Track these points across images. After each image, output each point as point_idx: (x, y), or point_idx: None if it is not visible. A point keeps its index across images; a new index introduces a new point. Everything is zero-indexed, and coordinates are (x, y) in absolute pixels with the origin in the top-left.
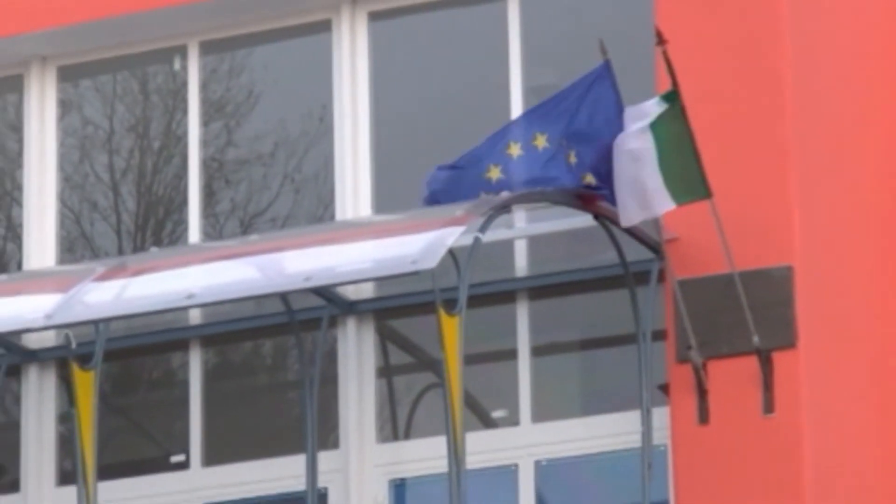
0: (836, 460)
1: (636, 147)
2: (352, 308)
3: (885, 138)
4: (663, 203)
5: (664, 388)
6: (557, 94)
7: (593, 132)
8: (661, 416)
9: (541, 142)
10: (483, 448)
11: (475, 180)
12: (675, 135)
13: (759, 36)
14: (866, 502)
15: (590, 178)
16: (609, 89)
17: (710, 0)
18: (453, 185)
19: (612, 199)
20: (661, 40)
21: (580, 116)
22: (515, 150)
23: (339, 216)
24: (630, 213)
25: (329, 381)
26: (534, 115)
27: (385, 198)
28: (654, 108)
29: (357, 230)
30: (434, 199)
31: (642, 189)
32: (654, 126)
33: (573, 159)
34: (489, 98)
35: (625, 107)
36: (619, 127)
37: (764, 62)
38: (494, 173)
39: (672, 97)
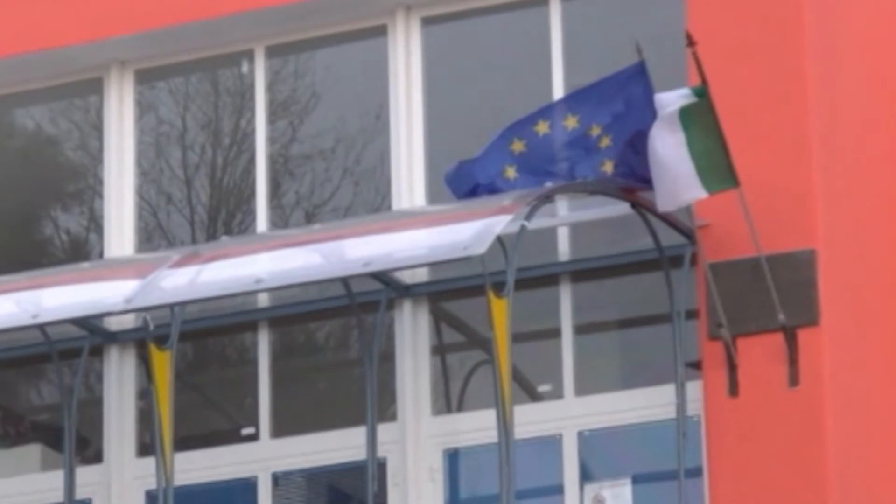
0: (857, 429)
1: (669, 141)
2: (407, 291)
3: None
4: (695, 192)
5: (697, 364)
6: (593, 84)
7: (626, 125)
8: (694, 389)
9: (571, 122)
10: (530, 419)
11: (499, 153)
12: (704, 128)
13: (781, 35)
14: (885, 468)
15: (609, 166)
16: (643, 87)
17: (736, 4)
18: (474, 164)
19: (643, 186)
20: (691, 42)
21: (616, 107)
22: (543, 127)
23: (395, 206)
24: (665, 201)
25: (387, 358)
26: (568, 99)
27: (438, 189)
28: (682, 96)
29: (412, 219)
30: (455, 189)
31: (675, 179)
32: (684, 117)
33: (604, 142)
34: (532, 96)
35: (654, 91)
36: (652, 118)
37: (787, 59)
38: (518, 146)
39: (701, 92)
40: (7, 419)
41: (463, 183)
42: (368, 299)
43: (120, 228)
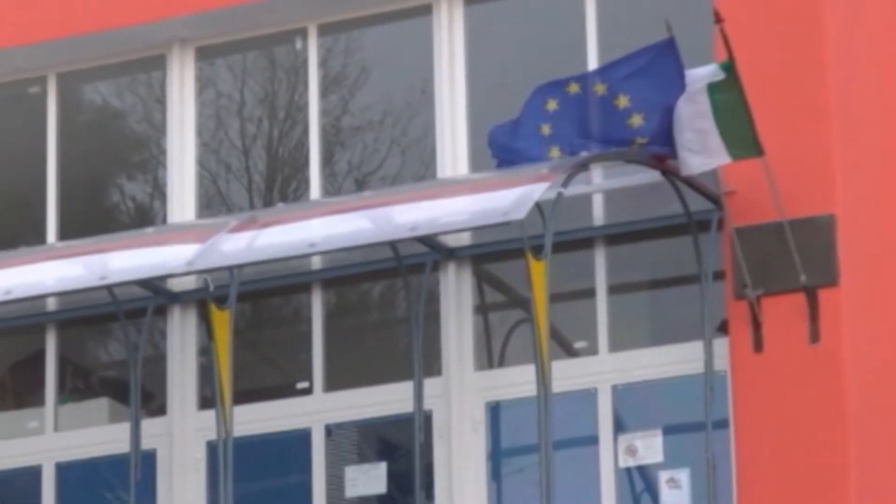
0: (875, 383)
1: (696, 109)
2: (452, 254)
3: None
4: (720, 158)
5: (723, 322)
6: (623, 58)
7: (657, 101)
8: (720, 346)
9: (600, 89)
10: (566, 374)
11: (535, 111)
12: (730, 99)
13: (802, 10)
14: None
15: (640, 140)
16: (673, 63)
17: None
18: (519, 132)
19: (671, 152)
20: (718, 19)
21: (646, 81)
22: (574, 88)
23: (439, 174)
24: (689, 165)
25: (432, 317)
26: (598, 69)
27: (480, 158)
28: (710, 72)
29: (456, 186)
30: (497, 150)
31: (702, 145)
32: (711, 90)
33: (636, 119)
34: (568, 70)
35: (685, 70)
36: (680, 92)
37: (807, 33)
38: (551, 105)
39: (728, 67)
40: (77, 374)
41: (504, 141)
42: (415, 262)
43: (182, 196)
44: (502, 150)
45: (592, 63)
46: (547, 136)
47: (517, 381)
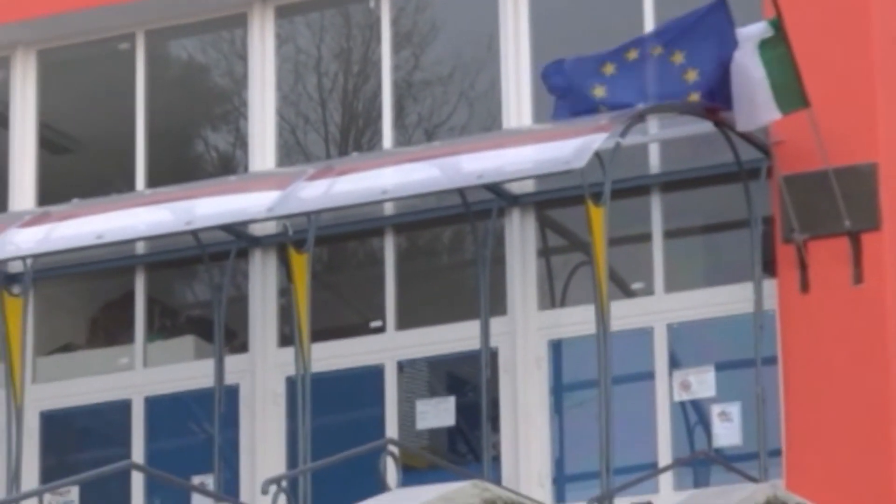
0: None
1: (748, 65)
2: (516, 200)
3: None
4: (771, 113)
5: (772, 264)
6: (679, 18)
7: (710, 56)
8: (769, 287)
9: (657, 51)
10: (624, 314)
11: (592, 68)
12: (779, 56)
13: None
14: None
15: (694, 96)
16: (725, 21)
17: None
18: (568, 79)
19: (725, 107)
20: None
21: (700, 38)
22: (633, 54)
23: (504, 126)
24: (745, 121)
25: (498, 260)
26: (656, 32)
27: (543, 110)
28: (760, 29)
29: (520, 137)
30: (555, 89)
31: (754, 103)
32: (762, 47)
33: (693, 77)
34: (626, 26)
35: (735, 25)
36: (732, 48)
37: None
38: (609, 69)
39: (776, 24)
40: (164, 314)
41: (556, 79)
42: (481, 208)
43: (262, 145)
44: (556, 88)
45: (649, 19)
46: (599, 98)
47: (578, 320)
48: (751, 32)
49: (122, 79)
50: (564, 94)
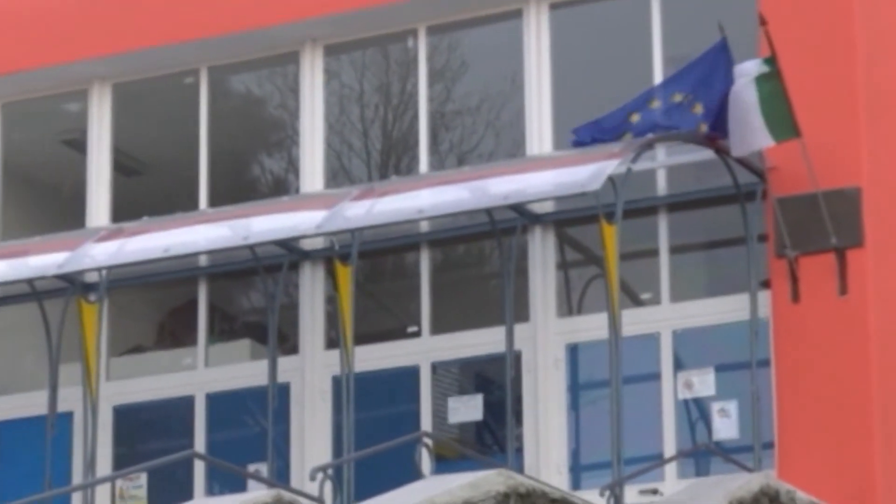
0: (894, 329)
1: (745, 99)
2: (538, 219)
3: None
4: (765, 140)
5: (766, 277)
6: (689, 64)
7: (713, 90)
8: (763, 297)
9: (678, 98)
10: (634, 321)
11: (619, 123)
12: (774, 90)
13: (833, 11)
14: None
15: (704, 127)
16: (725, 58)
17: None
18: (597, 129)
19: (725, 136)
20: (763, 21)
21: (704, 76)
22: (656, 104)
23: (528, 152)
24: (740, 147)
25: (521, 272)
26: (673, 79)
27: (562, 139)
28: (756, 66)
29: (541, 162)
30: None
31: (750, 130)
32: (758, 82)
33: (699, 110)
34: (638, 65)
35: (734, 62)
36: (731, 83)
37: (838, 32)
38: (635, 118)
39: (771, 62)
40: (223, 319)
41: (588, 137)
42: (507, 226)
43: (312, 169)
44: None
45: (657, 58)
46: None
47: (592, 326)
48: (748, 69)
49: (187, 109)
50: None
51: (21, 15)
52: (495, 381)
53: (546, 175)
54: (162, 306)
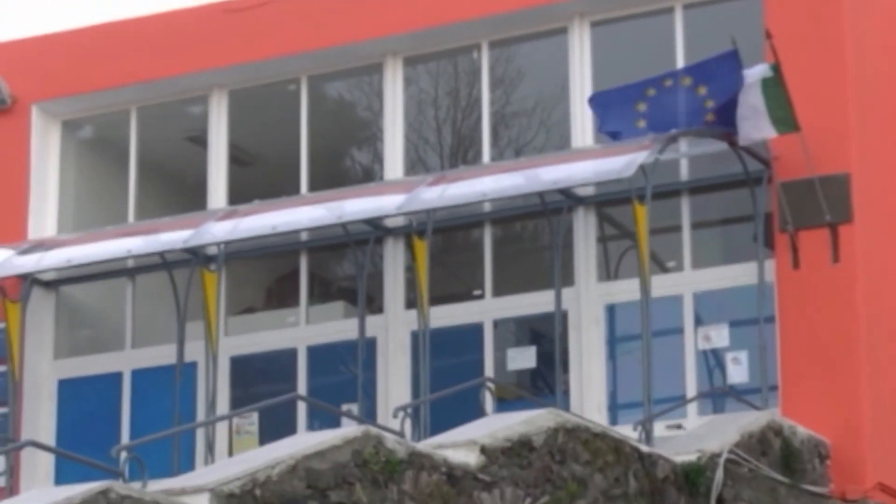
0: (878, 289)
1: (752, 97)
2: (581, 201)
3: None
4: (769, 132)
5: (772, 247)
6: (702, 61)
7: (724, 89)
8: (769, 265)
9: (686, 81)
10: (661, 284)
11: (636, 94)
12: (777, 91)
13: (827, 28)
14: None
15: (711, 117)
16: (736, 64)
17: (795, 6)
18: (616, 102)
19: (733, 126)
20: (768, 35)
21: (717, 78)
22: (669, 82)
23: (573, 145)
24: (748, 137)
25: (567, 245)
26: (686, 69)
27: (601, 134)
28: (762, 70)
29: (584, 154)
30: (602, 113)
31: (756, 124)
32: (763, 83)
33: (709, 103)
34: (663, 69)
35: (744, 66)
36: (740, 85)
37: (831, 44)
38: (651, 91)
39: (775, 68)
40: (321, 285)
41: (602, 103)
42: (555, 206)
43: (394, 160)
44: (600, 106)
45: (680, 64)
46: (640, 112)
47: (626, 290)
48: (755, 72)
49: (290, 111)
50: (607, 111)
51: (152, 33)
52: (546, 335)
53: (588, 164)
54: (270, 274)
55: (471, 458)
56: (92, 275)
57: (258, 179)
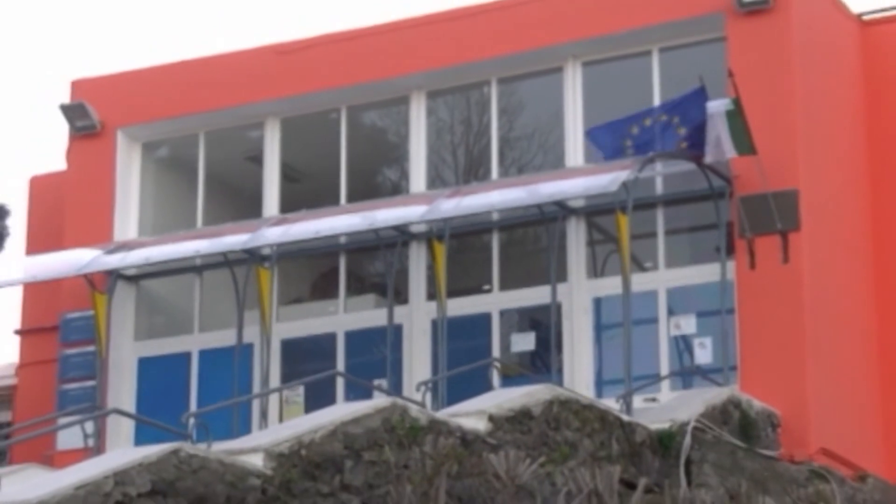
0: (822, 285)
1: (718, 125)
2: (573, 211)
3: (855, 128)
4: (730, 153)
5: (732, 250)
6: (675, 98)
7: (695, 119)
8: (730, 265)
9: (663, 118)
10: (639, 281)
11: (622, 132)
12: (738, 120)
13: (779, 67)
14: (840, 305)
15: (684, 144)
16: (703, 98)
17: (753, 50)
18: (609, 134)
19: (702, 150)
20: (731, 73)
21: (688, 110)
22: (648, 121)
23: (567, 165)
24: (712, 157)
25: (561, 248)
26: (661, 106)
27: (591, 155)
28: (725, 103)
29: (576, 171)
30: (597, 144)
31: (720, 146)
32: (727, 114)
33: (681, 131)
34: (643, 103)
35: (709, 99)
36: (705, 114)
37: (783, 80)
38: (634, 130)
39: (736, 101)
40: (356, 280)
41: (600, 136)
42: (552, 215)
43: (418, 176)
44: (596, 139)
45: (657, 98)
46: (626, 147)
47: (611, 285)
48: (720, 104)
49: (331, 135)
50: (603, 142)
51: (217, 70)
52: (543, 323)
53: (579, 181)
54: (314, 271)
55: (480, 425)
56: (166, 271)
57: (305, 192)
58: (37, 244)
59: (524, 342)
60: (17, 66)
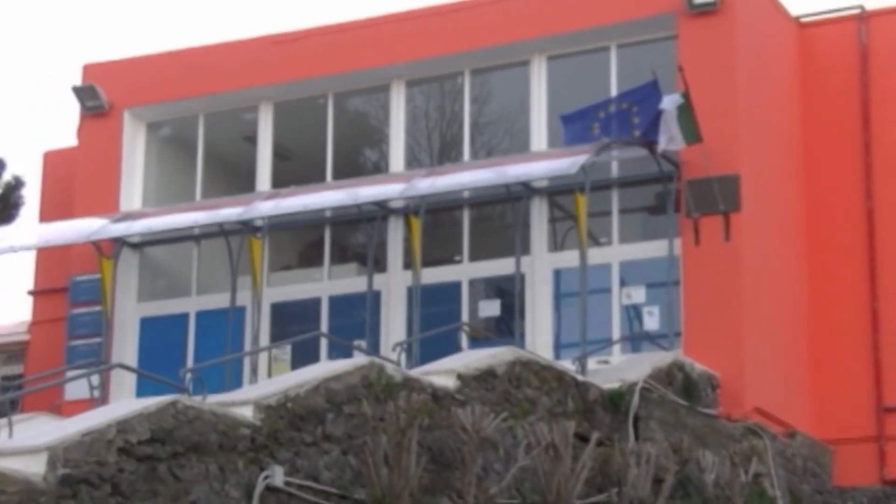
0: (759, 259)
1: (669, 116)
2: (536, 191)
3: (794, 120)
4: (680, 143)
5: (679, 228)
6: (633, 88)
7: (648, 109)
8: (677, 241)
9: (623, 105)
10: (595, 256)
11: (591, 116)
12: (686, 111)
13: (723, 63)
14: (779, 280)
15: (636, 119)
16: (656, 91)
17: (701, 47)
18: (580, 120)
19: (655, 139)
20: (680, 68)
21: (643, 100)
22: (612, 107)
23: (532, 149)
24: (664, 145)
25: (525, 224)
26: (621, 95)
27: (554, 141)
28: (676, 98)
29: (540, 155)
30: (567, 127)
31: (671, 136)
32: (678, 106)
33: (636, 120)
34: (601, 93)
35: (662, 95)
36: (658, 105)
37: (726, 75)
38: (601, 115)
39: (685, 95)
40: (340, 250)
41: (571, 120)
42: (517, 194)
43: (397, 157)
44: (567, 122)
45: (614, 89)
46: (594, 130)
47: (569, 258)
48: (671, 99)
49: (319, 119)
50: (573, 126)
51: (217, 57)
52: (508, 291)
53: (542, 164)
54: (301, 241)
55: (450, 383)
56: (167, 239)
57: (294, 170)
58: (49, 213)
59: (490, 308)
60: (33, 51)
